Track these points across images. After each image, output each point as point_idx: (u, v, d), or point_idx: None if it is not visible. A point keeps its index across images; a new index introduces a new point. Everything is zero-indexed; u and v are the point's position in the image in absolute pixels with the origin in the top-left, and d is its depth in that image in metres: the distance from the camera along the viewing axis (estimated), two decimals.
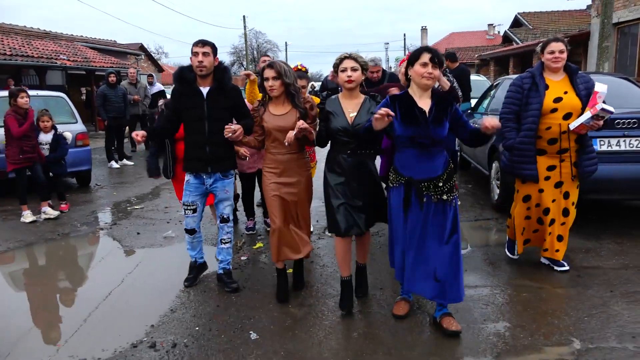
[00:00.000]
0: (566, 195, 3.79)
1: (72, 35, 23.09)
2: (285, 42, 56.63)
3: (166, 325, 3.23)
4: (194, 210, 3.73)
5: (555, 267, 3.93)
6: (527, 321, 3.10)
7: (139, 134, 3.53)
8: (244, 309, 3.44)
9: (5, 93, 6.76)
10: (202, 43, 3.52)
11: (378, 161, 3.48)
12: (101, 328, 3.24)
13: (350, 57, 3.21)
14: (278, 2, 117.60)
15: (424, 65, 2.85)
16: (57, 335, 3.20)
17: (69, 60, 17.30)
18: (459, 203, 2.99)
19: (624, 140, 4.57)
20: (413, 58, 2.93)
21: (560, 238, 3.85)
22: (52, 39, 20.30)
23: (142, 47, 32.83)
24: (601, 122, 3.49)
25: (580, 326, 3.01)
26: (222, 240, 3.84)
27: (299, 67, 4.44)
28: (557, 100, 3.66)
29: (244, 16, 45.43)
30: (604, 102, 3.43)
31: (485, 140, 3.00)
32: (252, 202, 5.27)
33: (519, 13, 30.40)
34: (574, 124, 3.57)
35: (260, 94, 4.04)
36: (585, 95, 3.66)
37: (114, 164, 9.85)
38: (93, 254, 5.11)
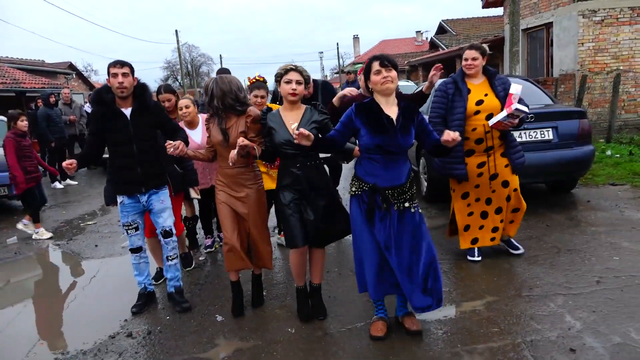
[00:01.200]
0: (505, 184, 3.99)
1: None
2: (220, 55, 56.68)
3: (139, 319, 3.60)
4: (136, 229, 3.70)
5: (511, 250, 4.20)
6: (449, 286, 3.72)
7: (70, 165, 3.37)
8: (208, 298, 3.87)
9: None
10: (121, 64, 3.46)
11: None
12: (80, 325, 3.58)
13: (296, 69, 3.19)
14: (211, 15, 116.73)
15: (378, 72, 2.88)
16: (41, 334, 3.51)
17: None
18: (420, 211, 3.02)
19: (525, 133, 5.36)
20: (366, 71, 2.98)
21: (511, 221, 4.12)
22: None
23: (71, 66, 31.94)
24: (516, 121, 3.72)
25: (490, 285, 3.67)
26: (168, 257, 3.77)
27: (257, 77, 4.26)
28: (479, 102, 3.90)
29: (176, 30, 45.17)
30: (518, 102, 3.65)
31: (447, 151, 3.01)
32: (210, 220, 5.09)
33: (443, 20, 32.10)
34: (491, 122, 3.79)
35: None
36: (504, 96, 3.87)
37: (58, 184, 9.86)
38: (58, 265, 5.35)
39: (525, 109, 3.66)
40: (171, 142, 3.26)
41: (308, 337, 3.14)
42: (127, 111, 3.52)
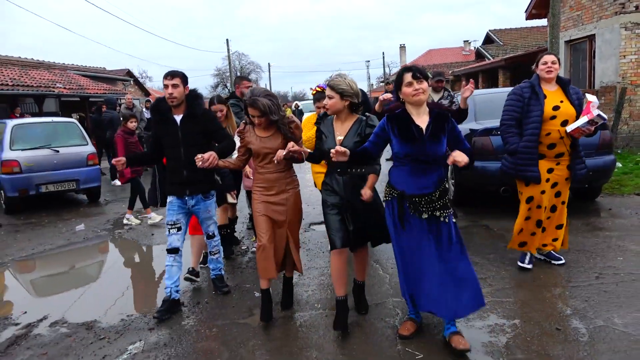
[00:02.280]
0: (557, 194, 4.08)
1: (64, 64, 24.00)
2: (269, 64, 57.95)
3: (190, 292, 4.23)
4: (179, 229, 3.86)
5: (552, 262, 4.25)
6: None
7: (118, 162, 3.78)
8: (248, 278, 4.46)
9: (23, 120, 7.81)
10: (171, 75, 3.71)
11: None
12: (141, 296, 4.26)
13: (328, 85, 3.30)
14: (261, 24, 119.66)
15: (409, 84, 2.92)
16: (110, 299, 4.19)
17: (64, 88, 18.26)
18: (454, 220, 3.03)
19: None
20: (397, 83, 3.02)
21: (555, 239, 4.17)
22: (47, 68, 21.24)
23: (129, 73, 33.71)
24: (593, 128, 3.82)
25: (497, 276, 4.07)
26: (211, 252, 4.19)
27: (318, 89, 4.50)
28: (556, 108, 3.94)
29: (227, 39, 46.70)
30: (597, 108, 3.78)
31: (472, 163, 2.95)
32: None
33: (490, 30, 31.95)
34: (570, 127, 3.85)
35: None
36: (578, 104, 3.99)
37: (117, 182, 10.81)
38: (121, 249, 6.13)
39: (605, 115, 3.77)
40: (200, 156, 3.47)
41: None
42: (178, 117, 3.81)
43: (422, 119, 2.97)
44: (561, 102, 3.98)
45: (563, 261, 4.24)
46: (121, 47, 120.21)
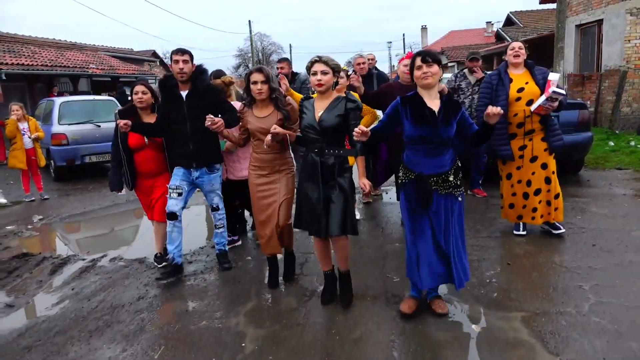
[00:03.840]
0: (544, 166, 4.37)
1: (94, 45, 25.14)
2: (290, 44, 59.10)
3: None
4: (180, 194, 3.99)
5: (553, 231, 4.51)
6: None
7: (122, 121, 3.82)
8: None
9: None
10: (182, 52, 3.87)
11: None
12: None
13: (320, 60, 3.28)
14: (282, 3, 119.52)
15: (419, 68, 3.01)
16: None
17: (97, 68, 19.38)
18: (463, 199, 3.18)
19: None
20: (411, 67, 3.10)
21: (549, 203, 4.42)
22: (79, 49, 22.38)
23: (154, 54, 34.78)
24: (556, 104, 4.14)
25: (471, 226, 4.90)
26: (216, 226, 4.28)
27: (345, 68, 4.69)
28: (520, 90, 4.33)
29: (249, 21, 47.45)
30: (557, 86, 4.07)
31: (487, 137, 3.09)
32: (241, 215, 5.15)
33: (510, 12, 31.94)
34: (533, 106, 4.22)
35: (298, 95, 4.51)
36: (543, 84, 4.25)
37: None
38: None
39: (562, 91, 4.07)
40: (212, 116, 3.57)
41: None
42: (184, 93, 3.95)
43: (434, 103, 3.05)
44: (526, 83, 4.36)
45: (563, 230, 4.51)
46: (146, 29, 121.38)
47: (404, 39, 63.07)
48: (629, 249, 4.13)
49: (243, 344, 3.04)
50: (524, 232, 4.65)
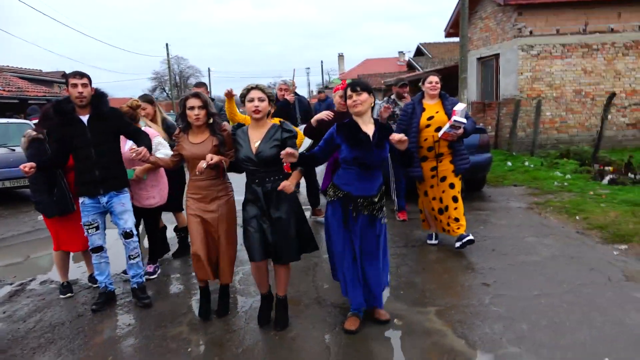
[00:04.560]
0: (452, 186, 4.84)
1: None
2: (209, 68, 58.46)
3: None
4: (96, 228, 3.89)
5: (463, 241, 4.73)
6: None
7: (26, 166, 3.53)
8: None
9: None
10: (80, 75, 3.70)
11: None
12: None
13: (257, 87, 3.32)
14: (202, 28, 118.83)
15: (350, 97, 3.24)
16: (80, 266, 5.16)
17: (3, 90, 18.37)
18: (386, 221, 3.42)
19: None
20: (345, 96, 3.35)
21: (457, 219, 4.82)
22: None
23: (65, 75, 33.24)
24: (460, 131, 4.61)
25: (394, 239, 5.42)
26: (130, 257, 3.99)
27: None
28: (430, 118, 4.83)
29: (166, 44, 47.07)
30: (464, 116, 4.58)
31: (408, 158, 3.34)
32: (156, 241, 4.83)
33: (420, 43, 34.25)
34: (440, 133, 4.69)
35: (240, 116, 4.63)
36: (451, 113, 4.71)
37: None
38: None
39: (463, 120, 4.55)
40: (135, 148, 3.53)
41: None
42: (85, 117, 3.76)
43: (368, 127, 3.26)
44: (437, 112, 4.86)
45: (472, 237, 4.78)
46: (55, 49, 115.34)
47: (322, 65, 65.35)
48: (521, 252, 4.83)
49: (189, 349, 3.27)
50: (436, 242, 5.22)
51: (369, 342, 3.24)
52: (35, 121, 5.50)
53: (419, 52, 34.03)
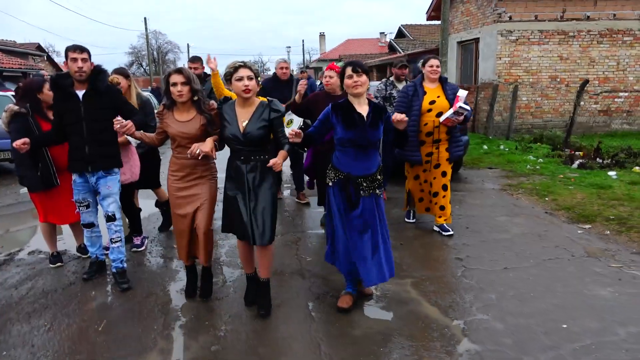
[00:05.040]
0: (444, 174, 4.87)
1: None
2: (188, 44, 57.24)
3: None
4: (87, 206, 3.94)
5: (443, 232, 4.96)
6: None
7: (20, 142, 3.58)
8: None
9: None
10: (80, 49, 3.62)
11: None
12: None
13: (245, 65, 3.22)
14: (179, 2, 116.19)
15: (350, 77, 3.22)
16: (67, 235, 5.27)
17: None
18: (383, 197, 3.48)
19: None
20: (341, 75, 3.32)
21: (442, 208, 4.93)
22: None
23: (39, 47, 32.42)
24: (461, 118, 4.57)
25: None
26: (112, 240, 3.95)
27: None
28: (432, 102, 4.71)
29: (145, 18, 45.93)
30: (464, 102, 4.50)
31: (403, 140, 3.42)
32: (135, 216, 4.87)
33: (402, 25, 34.30)
34: (442, 118, 4.62)
35: (227, 90, 4.37)
36: (452, 98, 4.65)
37: None
38: None
39: (468, 107, 4.49)
40: (120, 119, 3.39)
41: None
42: (81, 93, 3.70)
43: (362, 108, 3.28)
44: (438, 97, 4.75)
45: (452, 232, 4.97)
46: (29, 20, 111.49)
47: (303, 44, 64.66)
48: (493, 230, 5.12)
49: (179, 313, 3.46)
50: (414, 220, 5.45)
51: (349, 310, 3.47)
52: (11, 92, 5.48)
53: (400, 34, 34.06)
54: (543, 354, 2.84)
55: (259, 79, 3.41)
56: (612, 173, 7.47)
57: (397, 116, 3.20)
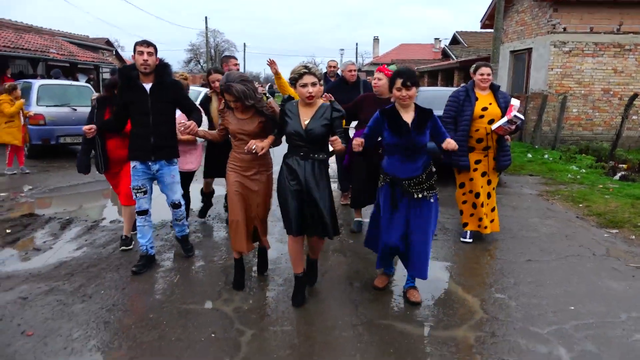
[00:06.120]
0: (489, 182, 4.84)
1: (50, 29, 24.99)
2: (244, 44, 59.13)
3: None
4: (145, 192, 4.10)
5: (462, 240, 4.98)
6: None
7: (89, 129, 3.94)
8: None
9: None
10: (147, 44, 3.83)
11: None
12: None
13: (309, 72, 3.29)
14: (239, 1, 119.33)
15: (399, 89, 3.33)
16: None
17: (58, 53, 19.52)
18: (436, 199, 3.54)
19: None
20: (391, 83, 3.41)
21: (492, 220, 4.95)
22: (36, 32, 22.29)
23: (108, 42, 34.44)
24: (514, 127, 4.55)
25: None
26: (176, 219, 4.36)
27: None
28: (484, 109, 4.67)
29: (205, 17, 47.83)
30: (518, 111, 4.53)
31: (448, 154, 3.62)
32: (187, 202, 5.15)
33: (457, 32, 34.22)
34: (494, 126, 4.59)
35: (291, 89, 4.31)
36: (504, 107, 4.66)
37: None
38: None
39: (522, 116, 4.53)
40: (183, 122, 3.68)
41: None
42: (148, 86, 3.91)
43: (408, 115, 3.40)
44: (490, 104, 4.73)
45: (470, 240, 4.98)
46: (97, 14, 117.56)
47: (356, 48, 65.35)
48: (523, 229, 5.52)
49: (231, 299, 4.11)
50: (470, 240, 5.01)
51: (384, 289, 3.90)
52: None
53: (454, 40, 33.97)
54: (548, 327, 3.29)
55: (321, 81, 3.45)
56: None
57: (450, 145, 3.35)
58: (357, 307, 3.56)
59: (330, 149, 3.39)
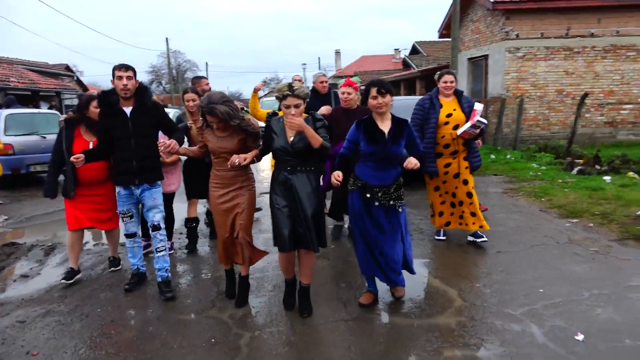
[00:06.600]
0: (465, 182, 4.91)
1: (8, 57, 24.56)
2: (206, 62, 59.25)
3: None
4: (131, 217, 4.14)
5: (477, 240, 4.99)
6: None
7: (77, 159, 3.76)
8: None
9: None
10: (125, 67, 3.82)
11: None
12: None
13: (293, 94, 3.29)
14: (198, 21, 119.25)
15: (374, 97, 3.41)
16: None
17: (18, 82, 19.23)
18: (403, 209, 3.64)
19: None
20: (365, 94, 3.49)
21: (473, 214, 4.94)
22: None
23: (68, 68, 33.89)
24: (477, 131, 4.64)
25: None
26: (157, 249, 4.10)
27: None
28: (449, 115, 4.81)
29: (166, 38, 48.07)
30: (480, 116, 4.61)
31: (421, 160, 3.48)
32: (171, 223, 5.26)
33: (416, 42, 35.17)
34: (459, 131, 4.70)
35: (263, 111, 4.77)
36: (469, 112, 4.75)
37: None
38: None
39: (485, 120, 4.59)
40: (163, 141, 3.70)
41: None
42: (128, 109, 3.92)
43: (385, 124, 3.49)
44: (454, 110, 4.86)
45: (485, 239, 5.01)
46: (52, 38, 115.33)
47: (319, 61, 66.00)
48: (491, 224, 5.79)
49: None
50: (444, 238, 5.31)
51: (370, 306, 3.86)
52: None
53: (414, 50, 34.85)
54: (520, 308, 3.61)
55: (306, 99, 3.44)
56: (607, 178, 8.17)
57: (410, 164, 3.38)
58: (345, 305, 3.80)
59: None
